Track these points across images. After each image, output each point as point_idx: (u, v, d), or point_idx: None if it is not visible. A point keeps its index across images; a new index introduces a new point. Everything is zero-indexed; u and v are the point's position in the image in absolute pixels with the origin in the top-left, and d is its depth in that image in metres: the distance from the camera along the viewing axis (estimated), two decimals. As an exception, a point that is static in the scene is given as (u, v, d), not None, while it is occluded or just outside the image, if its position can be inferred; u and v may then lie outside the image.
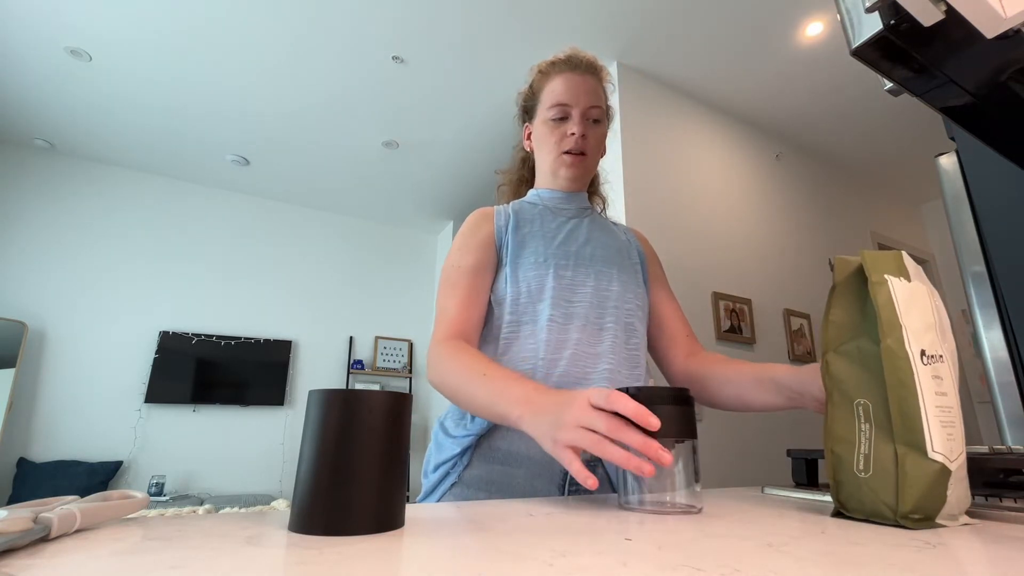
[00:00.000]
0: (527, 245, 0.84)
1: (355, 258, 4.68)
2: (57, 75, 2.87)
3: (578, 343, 0.78)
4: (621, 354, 0.81)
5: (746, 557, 0.30)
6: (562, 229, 0.88)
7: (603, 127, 0.91)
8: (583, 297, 0.82)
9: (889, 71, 0.52)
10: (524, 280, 0.81)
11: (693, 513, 0.46)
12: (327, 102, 3.08)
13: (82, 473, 3.21)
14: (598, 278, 0.84)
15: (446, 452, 0.75)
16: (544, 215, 0.90)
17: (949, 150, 1.23)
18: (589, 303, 0.81)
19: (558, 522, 0.41)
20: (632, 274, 0.88)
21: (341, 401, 0.37)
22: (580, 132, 0.86)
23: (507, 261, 0.83)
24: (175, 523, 0.37)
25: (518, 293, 0.81)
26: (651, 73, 2.76)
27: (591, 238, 0.89)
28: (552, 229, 0.88)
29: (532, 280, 0.81)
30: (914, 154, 3.50)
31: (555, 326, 0.78)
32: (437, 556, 0.29)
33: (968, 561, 0.31)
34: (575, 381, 0.75)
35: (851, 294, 0.49)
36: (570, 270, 0.83)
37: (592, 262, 0.85)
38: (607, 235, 0.92)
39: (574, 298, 0.81)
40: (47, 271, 3.52)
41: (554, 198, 0.92)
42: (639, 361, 0.84)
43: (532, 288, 0.81)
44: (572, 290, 0.81)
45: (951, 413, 0.42)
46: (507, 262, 0.83)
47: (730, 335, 2.56)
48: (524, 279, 0.81)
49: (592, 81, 0.89)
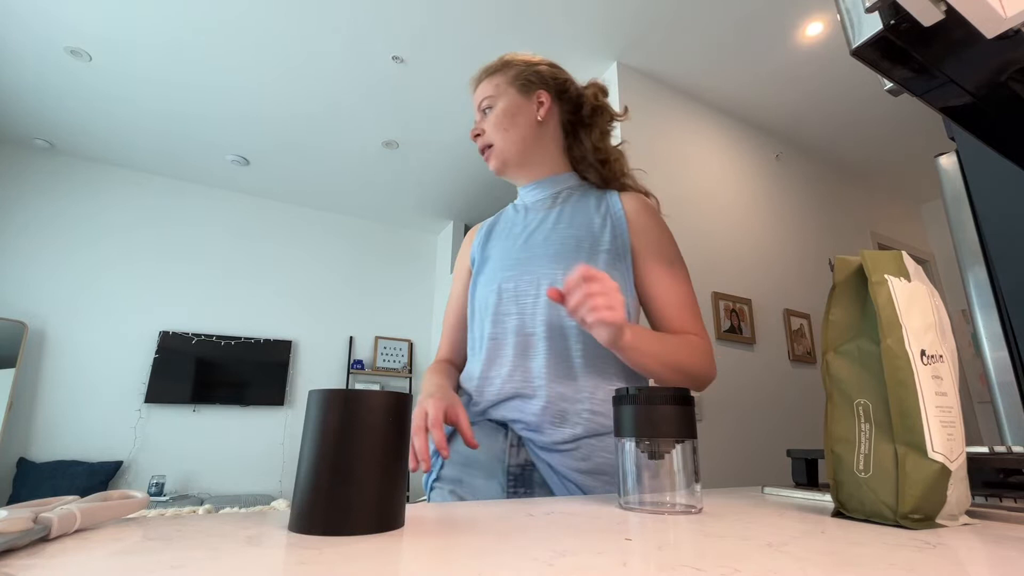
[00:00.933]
0: (488, 261, 0.88)
1: (355, 258, 4.68)
2: (57, 75, 2.87)
3: (513, 359, 0.78)
4: (561, 365, 0.76)
5: (746, 557, 0.30)
6: (527, 229, 0.88)
7: (498, 105, 0.88)
8: (523, 309, 0.80)
9: (889, 71, 0.52)
10: (477, 299, 0.86)
11: (693, 513, 0.46)
12: (327, 102, 3.08)
13: (82, 473, 3.21)
14: (539, 285, 0.80)
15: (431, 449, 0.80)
16: (520, 216, 0.91)
17: (949, 150, 1.23)
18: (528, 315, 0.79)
19: (558, 522, 0.41)
20: (593, 264, 0.80)
21: (341, 401, 0.37)
22: (472, 133, 0.90)
23: (472, 282, 0.89)
24: (175, 523, 0.37)
25: (472, 313, 0.87)
26: (651, 73, 2.76)
27: (554, 232, 0.84)
28: (517, 233, 0.88)
29: (480, 299, 0.85)
30: (914, 154, 3.50)
31: (493, 344, 0.81)
32: (437, 556, 0.29)
33: (968, 561, 0.31)
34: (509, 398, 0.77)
35: (851, 294, 0.49)
36: (513, 281, 0.82)
37: (542, 264, 0.81)
38: (578, 219, 0.85)
39: (513, 310, 0.81)
40: (47, 271, 3.53)
41: (525, 194, 0.93)
42: (591, 367, 0.77)
43: (480, 307, 0.85)
44: (515, 302, 0.81)
45: (951, 413, 0.42)
46: (473, 283, 0.89)
47: (730, 335, 2.56)
48: (478, 298, 0.86)
49: (484, 85, 0.90)
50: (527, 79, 0.89)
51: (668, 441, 0.48)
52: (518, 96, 0.88)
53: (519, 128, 0.87)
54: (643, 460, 0.49)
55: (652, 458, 0.49)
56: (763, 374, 2.66)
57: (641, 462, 0.49)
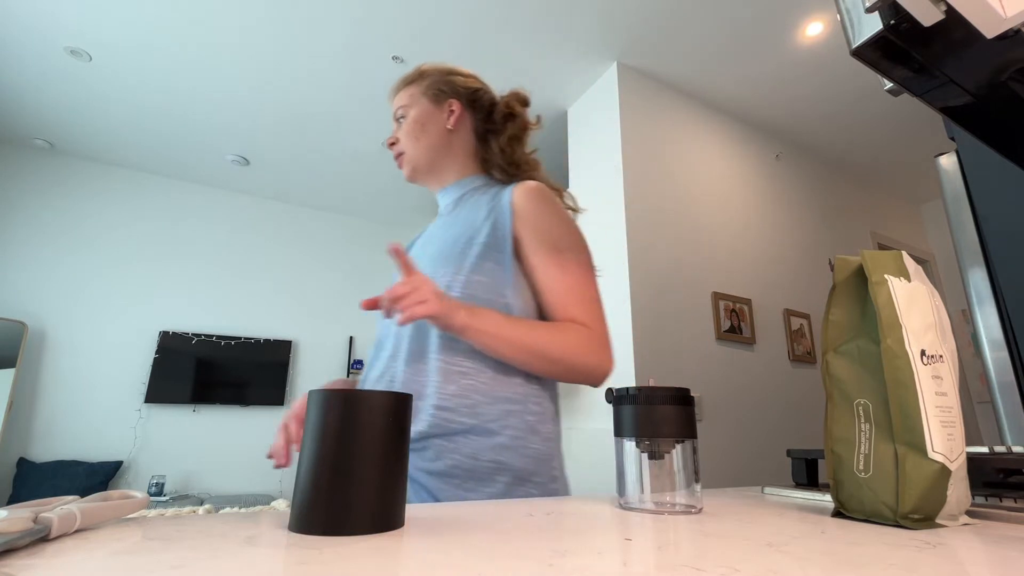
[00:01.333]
0: None
1: (355, 258, 4.68)
2: (57, 75, 2.87)
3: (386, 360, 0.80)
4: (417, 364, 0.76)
5: (746, 557, 0.30)
6: (431, 236, 0.90)
7: (411, 114, 0.91)
8: None
9: (889, 71, 0.52)
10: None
11: (693, 513, 0.46)
12: (327, 102, 3.08)
13: (82, 473, 3.21)
14: None
15: None
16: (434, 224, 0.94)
17: (949, 150, 1.23)
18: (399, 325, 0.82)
19: (558, 522, 0.41)
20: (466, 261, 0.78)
21: (341, 401, 0.37)
22: (388, 141, 0.93)
23: None
24: (175, 523, 0.37)
25: None
26: (651, 73, 2.76)
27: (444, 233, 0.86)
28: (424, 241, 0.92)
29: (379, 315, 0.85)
30: (914, 154, 3.50)
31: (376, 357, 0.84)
32: (437, 556, 0.29)
33: (968, 561, 0.31)
34: None
35: (851, 294, 0.49)
36: None
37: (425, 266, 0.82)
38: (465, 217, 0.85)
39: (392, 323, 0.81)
40: (47, 271, 3.52)
41: (440, 200, 0.96)
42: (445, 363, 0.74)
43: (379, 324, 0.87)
44: None
45: (951, 413, 0.42)
46: None
47: (730, 335, 2.56)
48: None
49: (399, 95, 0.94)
50: (439, 89, 0.91)
51: (668, 441, 0.48)
52: (430, 105, 0.91)
53: (429, 136, 0.89)
54: (643, 460, 0.49)
55: (652, 458, 0.49)
56: (763, 374, 2.66)
57: (641, 462, 0.49)
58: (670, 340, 2.32)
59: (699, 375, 2.38)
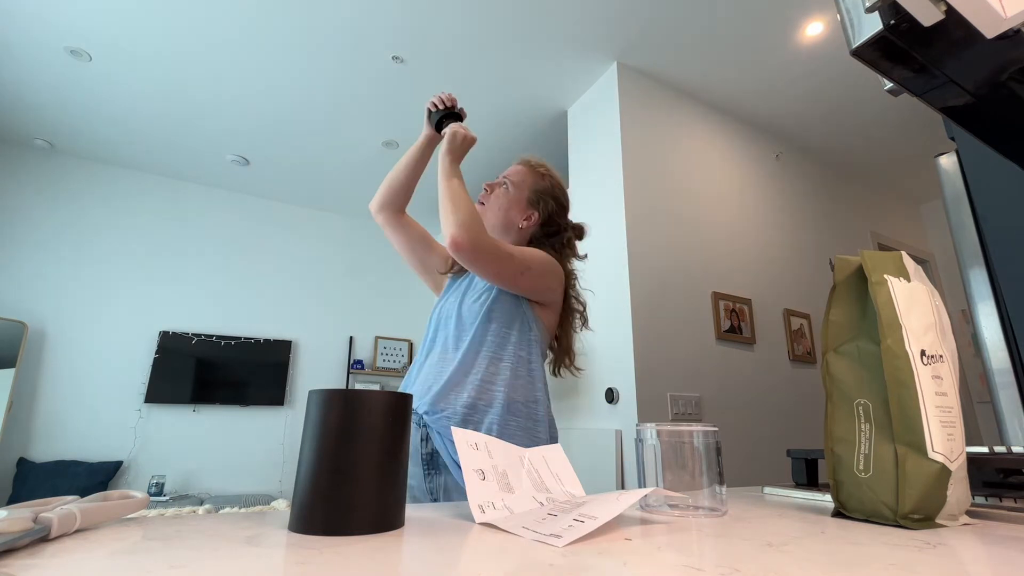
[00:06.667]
0: None
1: (355, 258, 4.68)
2: (57, 75, 2.87)
3: (423, 366, 1.01)
4: (446, 365, 0.96)
5: (746, 557, 0.30)
6: None
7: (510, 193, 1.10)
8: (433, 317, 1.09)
9: (889, 71, 0.52)
10: None
11: (718, 516, 0.45)
12: (327, 102, 3.08)
13: (82, 473, 3.21)
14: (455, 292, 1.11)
15: None
16: None
17: (949, 150, 1.23)
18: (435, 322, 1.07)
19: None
20: None
21: (341, 401, 0.37)
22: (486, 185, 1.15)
23: None
24: (175, 523, 0.37)
25: None
26: (651, 73, 2.76)
27: None
28: None
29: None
30: (914, 154, 3.50)
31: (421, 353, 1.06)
32: (437, 556, 0.29)
33: (968, 561, 0.31)
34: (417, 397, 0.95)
35: (851, 294, 0.49)
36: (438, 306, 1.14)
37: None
38: None
39: None
40: (47, 271, 3.52)
41: None
42: (471, 366, 0.93)
43: None
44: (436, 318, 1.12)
45: (951, 413, 0.42)
46: None
47: (730, 335, 2.56)
48: None
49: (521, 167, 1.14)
50: (540, 197, 1.08)
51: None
52: (523, 199, 1.08)
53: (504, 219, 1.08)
54: (667, 460, 0.48)
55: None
56: (763, 374, 2.66)
57: (662, 463, 0.48)
58: (670, 340, 2.32)
59: (699, 375, 2.38)
